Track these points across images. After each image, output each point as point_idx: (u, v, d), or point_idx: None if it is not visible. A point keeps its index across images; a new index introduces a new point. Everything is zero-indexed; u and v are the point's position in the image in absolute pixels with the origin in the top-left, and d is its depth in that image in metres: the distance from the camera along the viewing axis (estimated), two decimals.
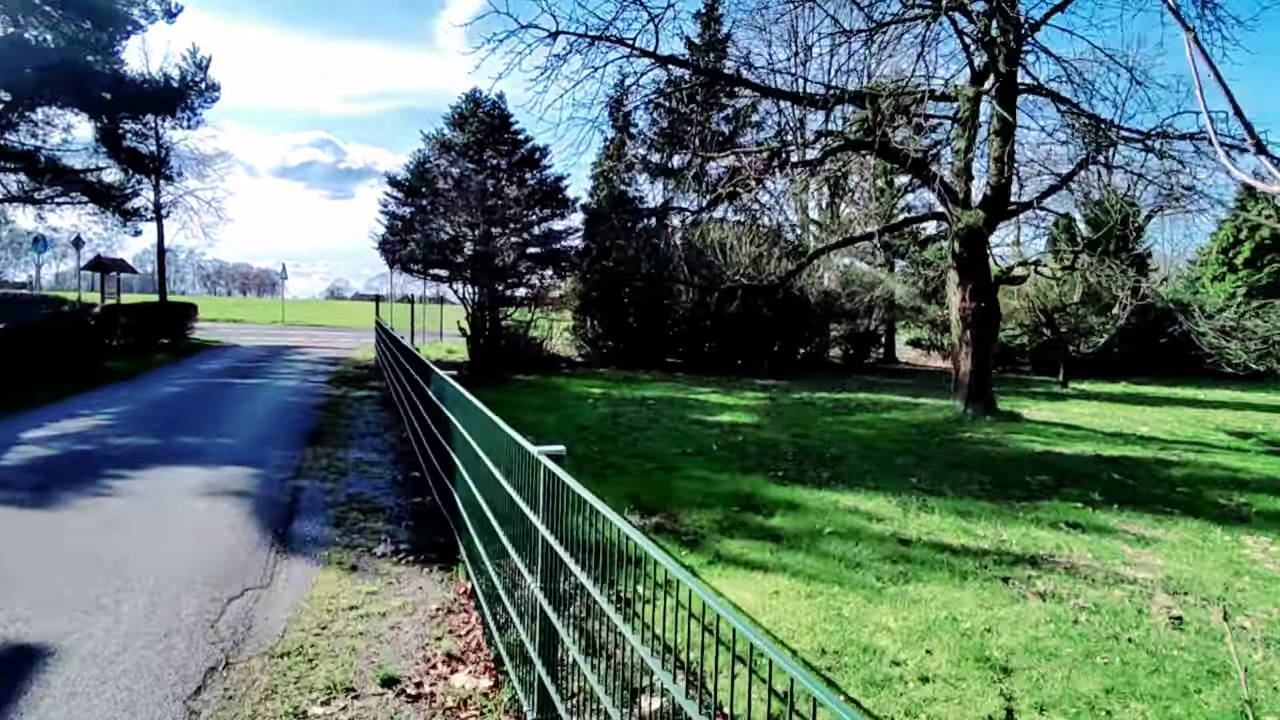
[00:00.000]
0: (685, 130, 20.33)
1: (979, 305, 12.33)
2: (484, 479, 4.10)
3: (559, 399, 14.05)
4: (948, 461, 9.36)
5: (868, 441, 10.66)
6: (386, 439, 9.37)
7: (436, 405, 6.03)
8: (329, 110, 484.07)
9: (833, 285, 20.64)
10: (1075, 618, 4.58)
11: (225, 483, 6.86)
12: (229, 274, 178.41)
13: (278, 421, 10.29)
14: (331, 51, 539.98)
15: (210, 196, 27.88)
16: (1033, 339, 24.93)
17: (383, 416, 11.04)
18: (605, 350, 22.97)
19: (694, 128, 16.14)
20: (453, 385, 4.86)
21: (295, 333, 32.35)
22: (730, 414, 12.90)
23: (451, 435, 5.37)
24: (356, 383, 15.01)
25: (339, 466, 7.71)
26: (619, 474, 7.94)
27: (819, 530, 6.15)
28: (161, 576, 4.57)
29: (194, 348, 22.34)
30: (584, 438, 10.07)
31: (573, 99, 19.86)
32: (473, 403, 4.04)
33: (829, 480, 8.01)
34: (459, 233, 20.28)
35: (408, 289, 35.94)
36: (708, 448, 9.71)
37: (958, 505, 7.14)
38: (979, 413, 12.51)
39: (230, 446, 8.51)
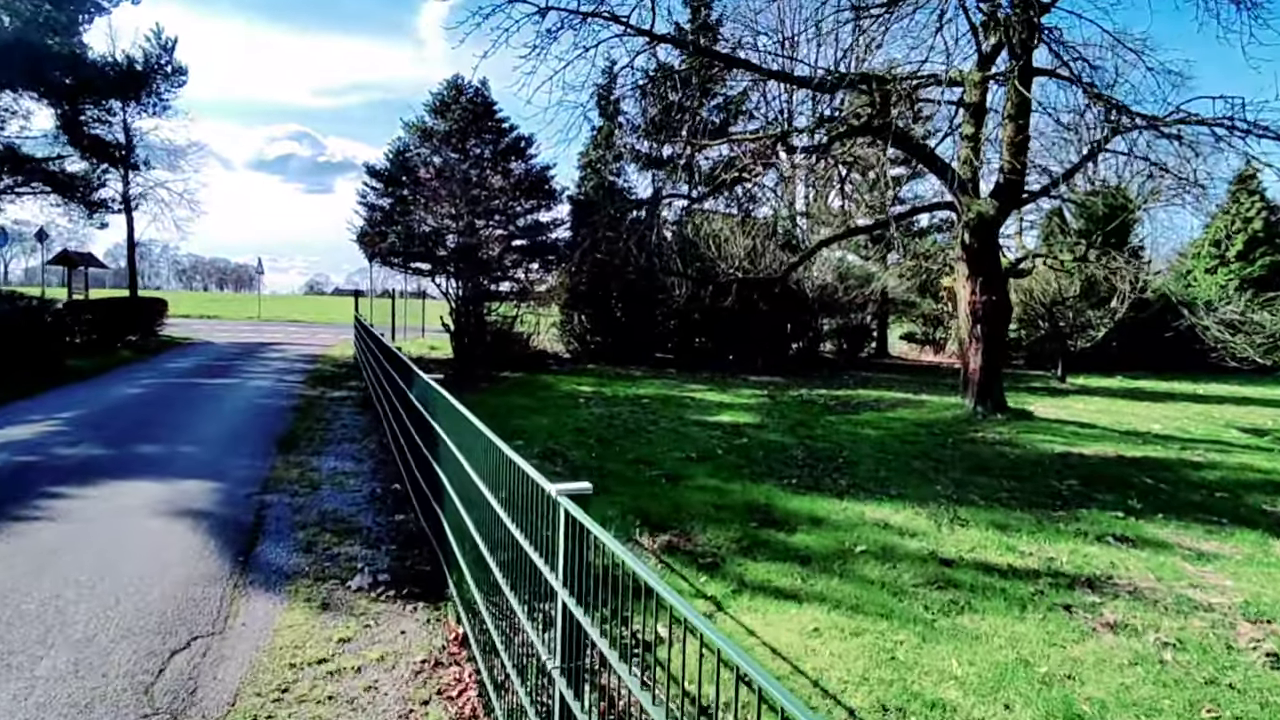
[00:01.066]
0: (676, 119, 19.66)
1: (990, 299, 11.78)
2: (480, 507, 3.44)
3: (549, 399, 13.36)
4: (968, 465, 8.80)
5: (878, 443, 10.08)
6: (365, 445, 8.64)
7: (421, 414, 5.34)
8: (307, 103, 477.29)
9: (829, 278, 20.05)
10: (1160, 656, 3.99)
11: (183, 500, 6.12)
12: (205, 269, 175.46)
13: (248, 426, 9.52)
14: (309, 44, 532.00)
15: (183, 188, 26.81)
16: (1029, 333, 24.54)
17: (361, 420, 10.29)
18: (594, 346, 22.29)
19: (686, 114, 15.45)
20: (441, 394, 4.18)
21: (271, 329, 31.33)
22: (730, 413, 12.28)
23: (439, 451, 4.69)
24: (334, 382, 14.22)
25: (312, 478, 6.98)
26: (622, 483, 7.28)
27: (849, 549, 5.53)
28: (95, 622, 3.85)
29: (163, 345, 21.38)
30: (580, 442, 9.40)
31: (562, 81, 18.97)
32: (466, 417, 3.37)
33: (848, 489, 7.41)
34: (441, 224, 19.47)
35: (388, 283, 35.04)
36: (712, 452, 9.07)
37: (992, 516, 6.55)
38: (989, 411, 11.98)
39: (193, 456, 7.75)
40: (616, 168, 22.31)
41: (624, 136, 22.33)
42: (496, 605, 3.28)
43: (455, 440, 3.99)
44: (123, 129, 22.27)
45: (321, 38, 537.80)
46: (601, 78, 15.90)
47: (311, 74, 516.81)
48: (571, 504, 2.11)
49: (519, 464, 2.50)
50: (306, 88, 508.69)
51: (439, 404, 4.44)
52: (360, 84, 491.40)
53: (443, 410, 4.34)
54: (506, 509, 2.78)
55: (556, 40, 11.43)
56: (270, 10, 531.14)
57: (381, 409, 9.37)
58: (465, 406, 3.68)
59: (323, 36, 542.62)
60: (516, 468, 2.51)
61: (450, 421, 4.14)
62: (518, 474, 2.53)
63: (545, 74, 12.96)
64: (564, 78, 12.38)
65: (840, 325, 25.05)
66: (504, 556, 2.99)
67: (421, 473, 5.51)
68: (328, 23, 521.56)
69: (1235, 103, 10.99)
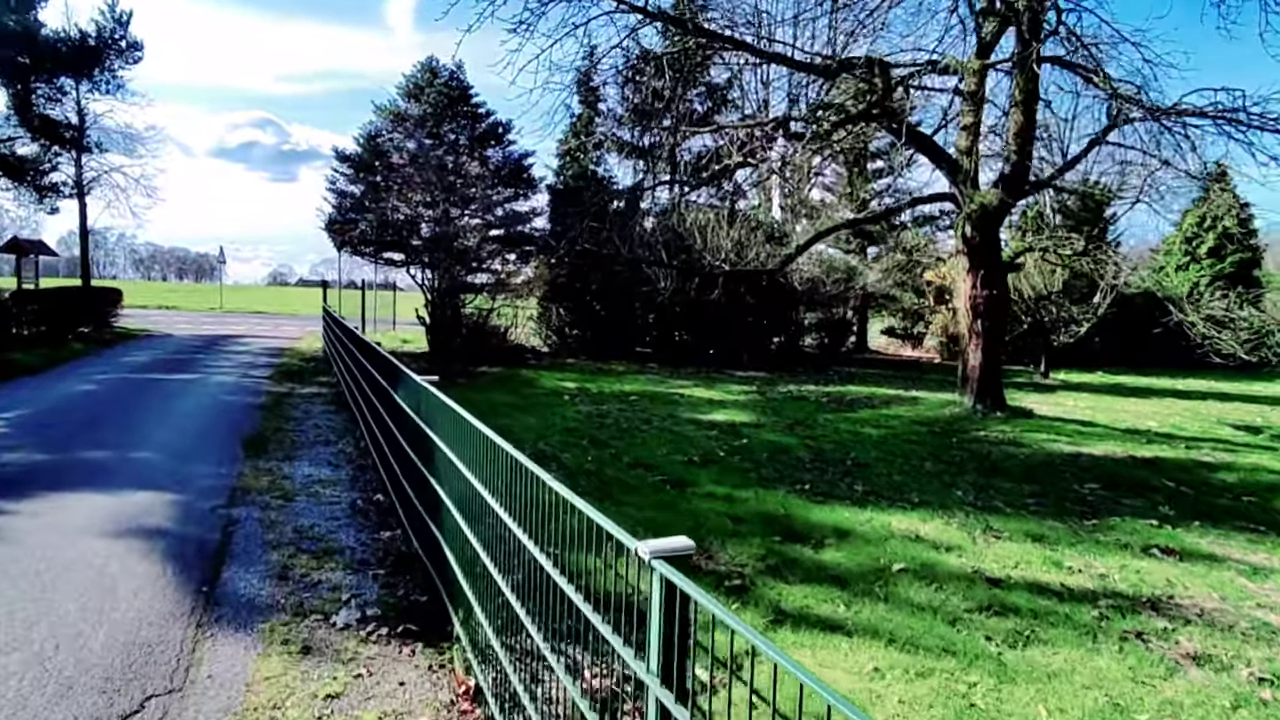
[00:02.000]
0: (660, 106, 19.04)
1: (991, 293, 11.43)
2: (483, 522, 2.87)
3: (532, 396, 12.73)
4: (980, 467, 8.40)
5: (882, 443, 9.66)
6: (340, 448, 7.95)
7: (410, 420, 4.73)
8: (271, 89, 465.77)
9: (816, 272, 19.66)
10: (1258, 695, 3.56)
11: (137, 515, 5.42)
12: (164, 258, 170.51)
13: (210, 427, 8.76)
14: (274, 29, 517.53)
15: (140, 174, 25.44)
16: (1010, 327, 24.46)
17: (335, 419, 9.58)
18: (572, 340, 21.64)
19: (671, 101, 14.90)
20: (442, 401, 3.58)
21: (235, 321, 30.11)
22: (724, 412, 11.78)
23: (435, 465, 4.09)
24: (303, 378, 13.42)
25: (284, 487, 6.30)
26: (625, 491, 6.72)
27: (886, 567, 5.05)
28: (25, 679, 3.19)
29: (119, 337, 20.26)
30: (572, 443, 8.82)
31: (549, 60, 18.05)
32: (486, 436, 2.78)
33: (866, 496, 6.94)
34: (416, 212, 18.66)
35: (356, 274, 33.99)
36: (714, 454, 8.55)
37: (1025, 526, 6.13)
38: (989, 409, 11.65)
39: (149, 462, 7.00)
40: (597, 156, 21.64)
41: (605, 125, 21.68)
42: (517, 648, 2.72)
43: (461, 454, 3.40)
44: (75, 109, 21.04)
45: (287, 23, 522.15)
46: (586, 62, 15.26)
47: (276, 60, 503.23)
48: (671, 570, 1.55)
49: (587, 513, 1.94)
50: (271, 74, 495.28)
51: (438, 412, 3.84)
52: (327, 71, 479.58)
53: (443, 420, 3.74)
54: (555, 565, 2.21)
55: (545, 16, 10.79)
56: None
57: (357, 408, 8.69)
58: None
59: (288, 22, 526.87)
60: (589, 521, 1.95)
61: (453, 433, 3.55)
62: (580, 520, 1.96)
63: (532, 51, 12.28)
64: (551, 56, 11.69)
65: (822, 320, 24.73)
66: (532, 605, 2.42)
67: (411, 484, 4.90)
68: (294, 7, 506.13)
69: (1236, 95, 10.79)
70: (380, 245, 19.72)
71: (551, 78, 13.56)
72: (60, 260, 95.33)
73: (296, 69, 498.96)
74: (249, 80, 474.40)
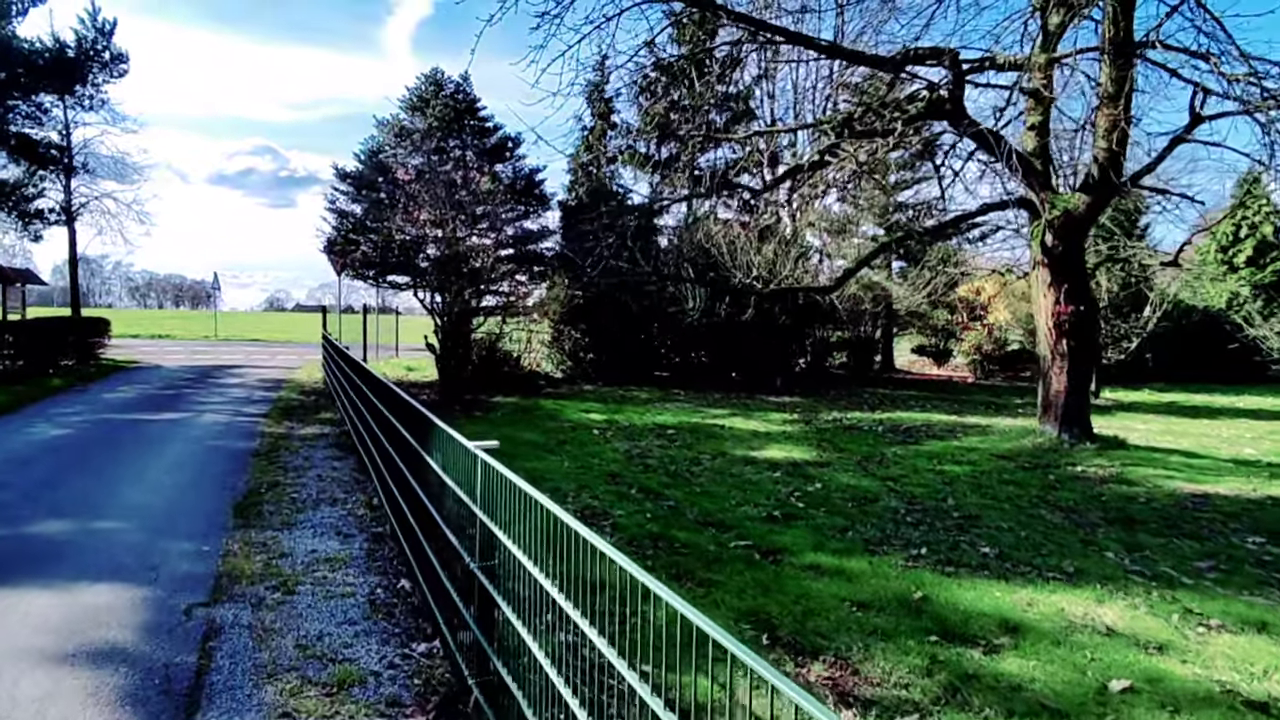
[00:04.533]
0: (676, 118, 17.89)
1: (1077, 309, 10.18)
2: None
3: (558, 431, 11.42)
4: (1109, 516, 7.10)
5: (977, 485, 8.35)
6: (350, 508, 6.63)
7: (453, 497, 3.43)
8: (268, 117, 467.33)
9: (853, 288, 18.44)
10: None
11: (88, 624, 4.09)
12: (160, 286, 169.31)
13: (195, 483, 7.43)
14: (271, 57, 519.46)
15: (132, 198, 24.24)
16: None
17: (341, 468, 8.25)
18: (588, 365, 20.32)
19: (699, 108, 13.76)
20: (517, 486, 2.29)
21: (229, 350, 28.78)
22: (777, 447, 10.47)
23: (497, 568, 2.81)
24: (304, 415, 12.10)
25: (282, 571, 4.97)
26: (705, 563, 5.39)
27: (1100, 685, 3.73)
28: None
29: (105, 370, 18.92)
30: (619, 493, 7.50)
31: (576, 58, 16.61)
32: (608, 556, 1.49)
33: (1002, 563, 5.62)
34: (421, 231, 17.44)
35: (354, 299, 32.77)
36: (790, 504, 7.23)
37: (1229, 607, 4.81)
38: (1077, 439, 10.35)
39: (114, 537, 5.67)
40: (612, 170, 20.50)
41: (620, 137, 20.56)
42: None
43: (545, 566, 2.11)
44: (60, 129, 19.85)
45: (283, 50, 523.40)
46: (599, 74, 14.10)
47: (274, 87, 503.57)
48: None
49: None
50: (268, 101, 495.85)
51: (500, 493, 2.55)
52: (324, 98, 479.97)
53: (508, 504, 2.45)
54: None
55: (572, 8, 9.62)
56: (230, 21, 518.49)
57: (368, 455, 7.38)
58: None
59: (285, 49, 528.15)
60: None
61: (525, 527, 2.27)
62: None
63: (558, 48, 11.05)
64: (578, 54, 10.44)
65: (849, 339, 23.51)
66: None
67: (451, 577, 3.61)
68: (290, 35, 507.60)
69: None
70: (383, 267, 18.52)
71: (578, 78, 12.39)
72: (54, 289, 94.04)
73: (294, 96, 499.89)
74: (246, 107, 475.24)
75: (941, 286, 20.29)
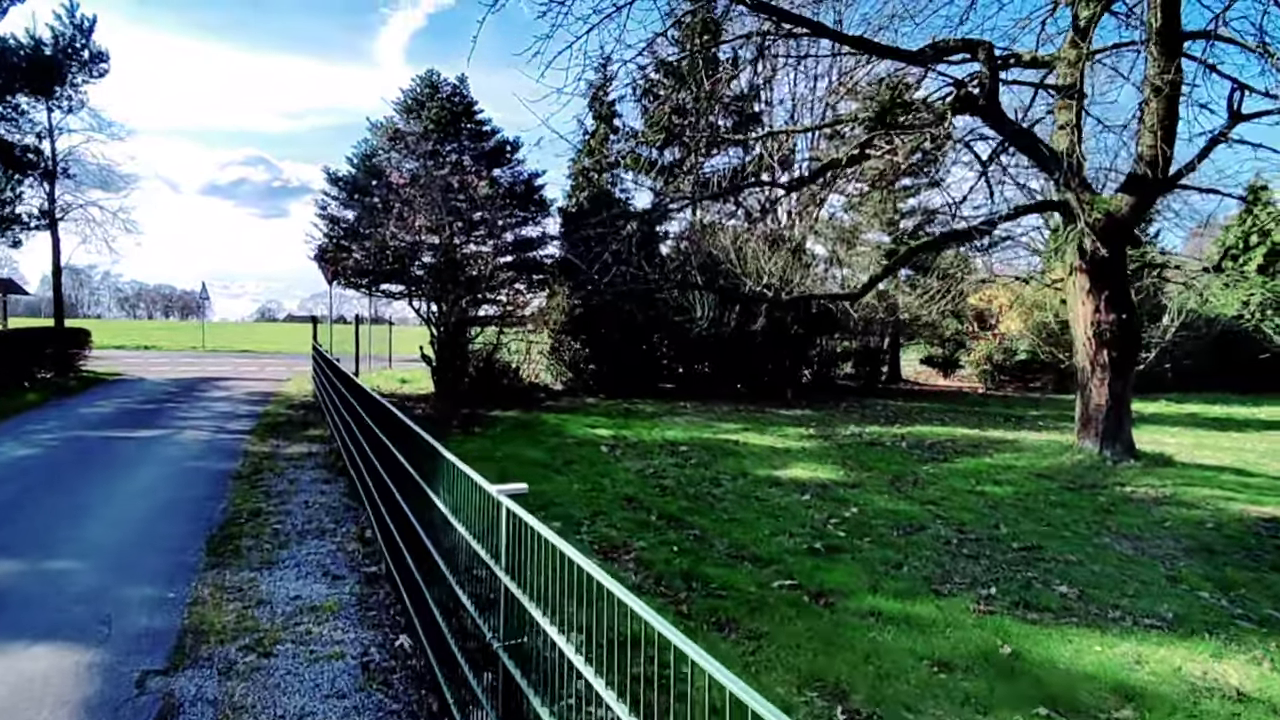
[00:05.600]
0: (680, 121, 17.27)
1: (1119, 318, 9.55)
2: None
3: (563, 448, 10.69)
4: (1184, 546, 6.43)
5: (1025, 509, 7.67)
6: (339, 541, 5.89)
7: (466, 550, 2.72)
8: (262, 127, 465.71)
9: (868, 297, 17.79)
10: None
11: (17, 704, 3.35)
12: (150, 296, 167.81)
13: (166, 511, 6.68)
14: (263, 67, 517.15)
15: (118, 207, 23.40)
16: (1053, 355, 22.61)
17: (330, 492, 7.51)
18: (589, 376, 19.60)
19: (712, 95, 13.14)
20: (563, 553, 1.58)
21: (217, 361, 27.94)
22: (800, 466, 9.77)
23: (527, 651, 2.09)
24: (291, 431, 11.34)
25: (258, 624, 4.24)
26: (753, 612, 4.68)
27: None
28: None
29: (86, 383, 18.08)
30: (638, 521, 6.78)
31: (584, 51, 15.74)
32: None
33: (1086, 605, 4.93)
34: (417, 238, 16.74)
35: (346, 308, 31.91)
36: (829, 534, 6.53)
37: None
38: (1120, 456, 9.69)
39: (66, 581, 4.92)
40: (613, 176, 19.82)
41: (622, 142, 19.91)
42: None
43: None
44: (43, 133, 19.08)
45: (275, 61, 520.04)
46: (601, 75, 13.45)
47: (267, 98, 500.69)
48: None
49: None
50: (261, 112, 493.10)
51: (531, 550, 1.85)
52: (317, 108, 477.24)
53: (542, 566, 1.75)
54: None
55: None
56: (215, 30, 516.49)
57: (360, 479, 6.65)
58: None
59: (276, 59, 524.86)
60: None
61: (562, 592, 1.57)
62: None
63: (564, 39, 10.42)
64: (585, 47, 9.80)
65: (857, 349, 22.88)
66: None
67: (457, 641, 2.90)
68: (280, 45, 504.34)
69: None
70: (377, 275, 17.80)
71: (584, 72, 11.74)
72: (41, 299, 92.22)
73: (287, 106, 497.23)
74: (239, 118, 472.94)
75: (953, 295, 19.68)
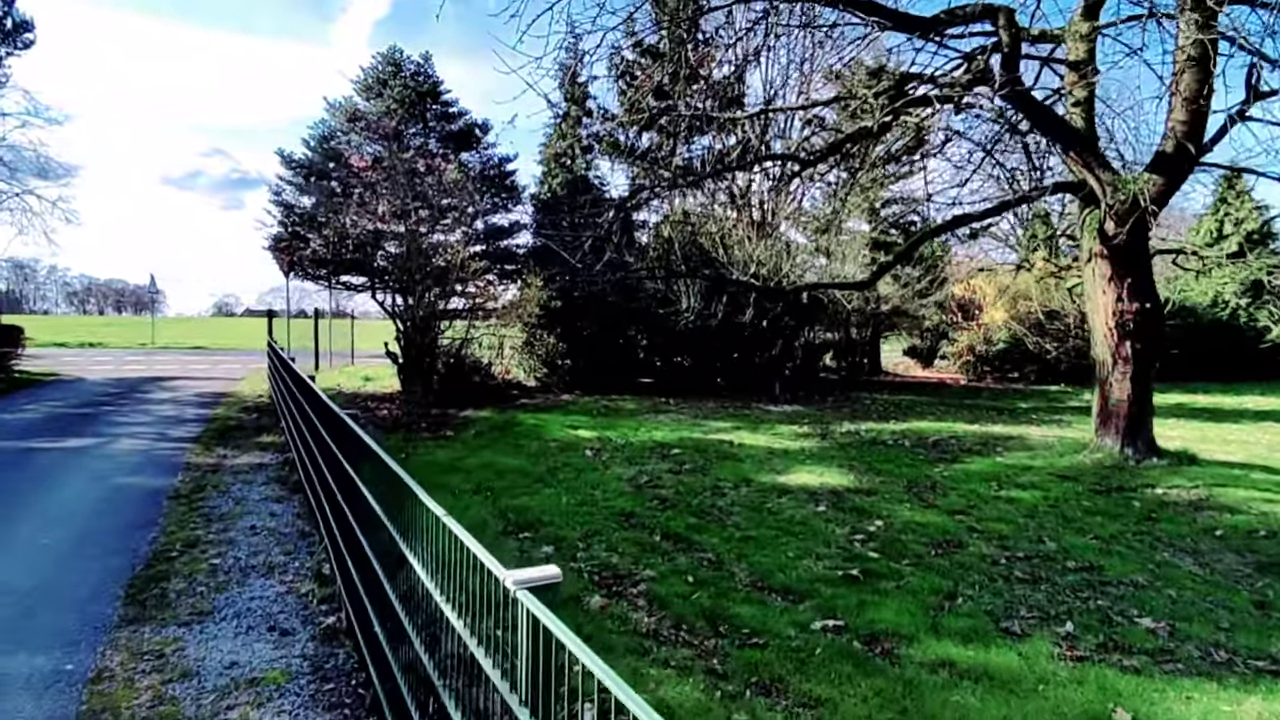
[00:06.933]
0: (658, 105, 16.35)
1: (1143, 307, 8.93)
2: None
3: (544, 453, 9.78)
4: (1248, 560, 5.78)
5: (1060, 517, 6.98)
6: (292, 579, 4.92)
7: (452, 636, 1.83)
8: (220, 118, 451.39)
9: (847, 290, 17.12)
10: None
11: None
12: (100, 291, 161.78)
13: (80, 544, 5.63)
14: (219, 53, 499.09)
15: (57, 196, 21.72)
16: (1038, 347, 22.22)
17: (283, 514, 6.51)
18: (564, 372, 18.65)
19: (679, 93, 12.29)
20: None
21: (166, 359, 26.32)
22: (805, 470, 8.99)
23: None
24: (241, 438, 10.24)
25: (179, 713, 3.28)
26: (801, 666, 3.85)
27: None
28: None
29: (14, 385, 16.61)
30: (643, 542, 5.91)
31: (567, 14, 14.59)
32: None
33: (1183, 645, 4.20)
34: (379, 226, 15.60)
35: (306, 302, 30.50)
36: (866, 557, 5.73)
37: None
38: (1142, 454, 9.09)
39: None
40: (587, 160, 18.81)
41: (597, 123, 18.92)
42: None
43: None
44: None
45: (233, 46, 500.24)
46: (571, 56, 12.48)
47: (224, 88, 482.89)
48: None
49: None
50: (218, 102, 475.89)
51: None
52: (275, 99, 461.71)
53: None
54: None
55: None
56: (176, 13, 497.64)
57: (317, 500, 5.67)
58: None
59: (234, 45, 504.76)
60: None
61: None
62: None
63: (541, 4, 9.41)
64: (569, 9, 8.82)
65: (840, 340, 22.26)
66: None
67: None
68: (239, 28, 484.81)
69: None
70: (337, 266, 16.61)
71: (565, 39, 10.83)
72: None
73: (245, 98, 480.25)
74: (196, 109, 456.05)
75: (939, 284, 19.14)
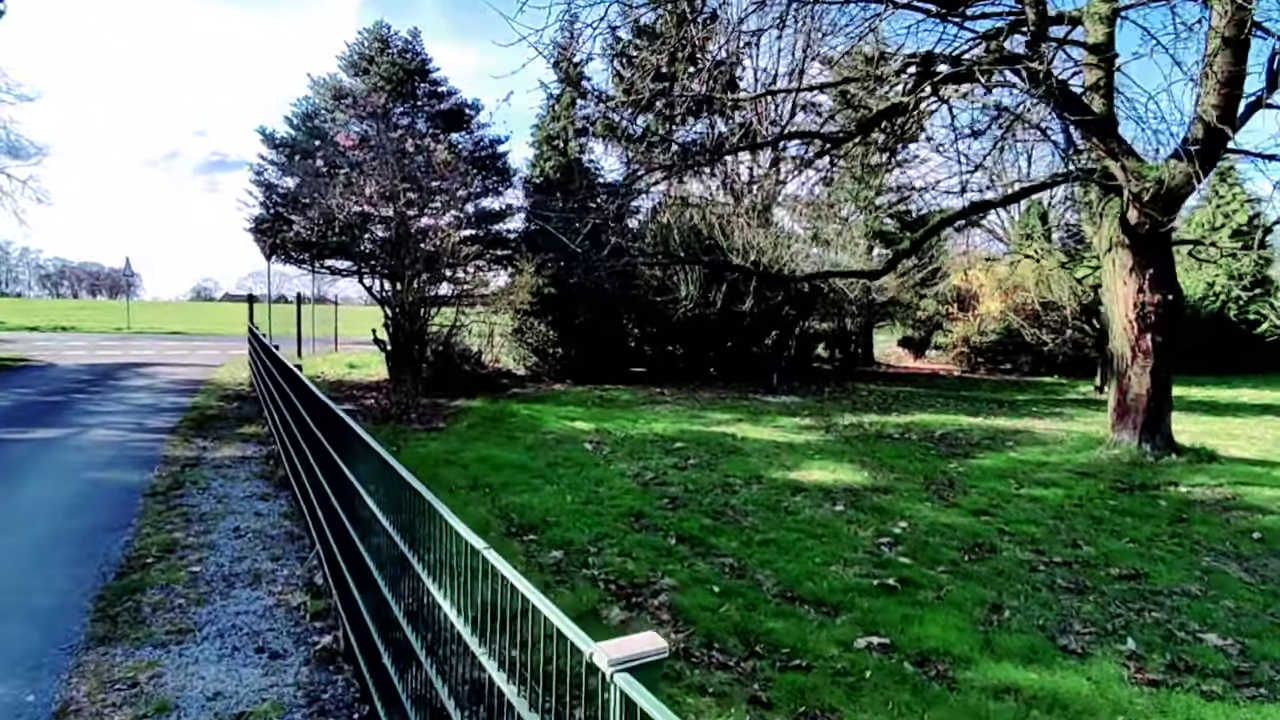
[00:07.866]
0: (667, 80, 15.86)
1: (1164, 298, 8.65)
2: None
3: (541, 446, 9.35)
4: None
5: (1089, 517, 6.69)
6: (281, 589, 4.48)
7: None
8: (201, 99, 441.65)
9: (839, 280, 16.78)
10: None
11: None
12: (75, 274, 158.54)
13: (45, 550, 5.15)
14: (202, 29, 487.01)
15: (28, 175, 20.90)
16: (1034, 338, 22.06)
17: (269, 513, 6.05)
18: (556, 360, 18.19)
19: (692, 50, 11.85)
20: None
21: (142, 344, 25.53)
22: (817, 466, 8.64)
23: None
24: (222, 429, 9.72)
25: None
26: (851, 693, 3.48)
27: None
28: None
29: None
30: (658, 547, 5.52)
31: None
32: None
33: (1259, 665, 3.89)
34: (366, 208, 15.00)
35: (288, 287, 29.79)
36: (898, 563, 5.37)
37: None
38: (1160, 450, 8.84)
39: None
40: (581, 144, 18.26)
41: (591, 106, 18.37)
42: None
43: None
44: None
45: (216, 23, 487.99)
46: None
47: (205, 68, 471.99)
48: None
49: None
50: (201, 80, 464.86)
51: None
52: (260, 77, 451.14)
53: None
54: None
55: None
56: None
57: (306, 501, 5.23)
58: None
59: (218, 21, 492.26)
60: None
61: None
62: None
63: None
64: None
65: (833, 330, 21.96)
66: None
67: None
68: (222, 6, 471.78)
69: None
70: (321, 249, 15.99)
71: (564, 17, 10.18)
72: None
73: (227, 77, 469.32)
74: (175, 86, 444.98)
75: (940, 275, 18.87)
